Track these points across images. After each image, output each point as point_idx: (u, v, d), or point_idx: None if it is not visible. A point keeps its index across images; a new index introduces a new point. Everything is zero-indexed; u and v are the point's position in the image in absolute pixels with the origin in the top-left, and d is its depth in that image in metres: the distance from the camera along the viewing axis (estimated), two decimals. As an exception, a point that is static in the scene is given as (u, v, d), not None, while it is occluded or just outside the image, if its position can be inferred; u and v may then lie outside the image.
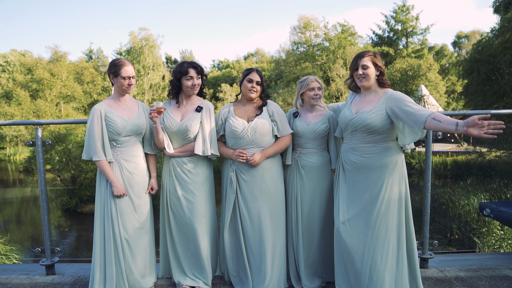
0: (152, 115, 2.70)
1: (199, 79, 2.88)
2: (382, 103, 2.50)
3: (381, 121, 2.49)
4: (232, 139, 2.89)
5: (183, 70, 2.85)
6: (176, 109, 2.94)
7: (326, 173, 2.95)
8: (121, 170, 2.76)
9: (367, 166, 2.56)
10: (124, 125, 2.73)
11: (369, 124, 2.50)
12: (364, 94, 2.67)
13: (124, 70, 2.72)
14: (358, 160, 2.60)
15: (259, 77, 2.90)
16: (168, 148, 2.87)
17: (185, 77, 2.85)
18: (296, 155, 2.98)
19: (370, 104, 2.57)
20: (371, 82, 2.59)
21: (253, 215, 2.87)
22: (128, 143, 2.79)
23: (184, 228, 2.91)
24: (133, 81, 2.77)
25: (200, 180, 2.92)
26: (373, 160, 2.54)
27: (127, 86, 2.76)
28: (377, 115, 2.49)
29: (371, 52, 2.61)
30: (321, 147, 2.97)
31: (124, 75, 2.72)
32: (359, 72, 2.58)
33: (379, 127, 2.50)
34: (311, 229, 2.94)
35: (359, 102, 2.66)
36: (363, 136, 2.57)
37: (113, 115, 2.73)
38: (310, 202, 2.93)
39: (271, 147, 2.88)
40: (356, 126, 2.57)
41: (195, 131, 2.87)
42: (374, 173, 2.54)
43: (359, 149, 2.60)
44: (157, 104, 2.70)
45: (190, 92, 2.89)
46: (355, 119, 2.57)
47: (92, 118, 2.69)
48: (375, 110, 2.50)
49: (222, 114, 2.97)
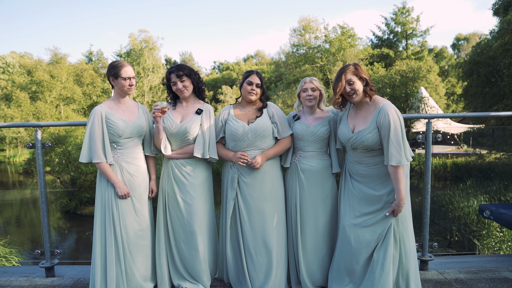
0: (156, 114, 2.71)
1: (183, 82, 2.88)
2: (374, 121, 2.51)
3: (377, 139, 2.51)
4: (232, 141, 2.90)
5: (167, 76, 2.92)
6: (176, 111, 2.94)
7: (327, 177, 2.93)
8: (122, 172, 2.76)
9: (373, 175, 2.61)
10: (124, 127, 2.74)
11: (367, 144, 2.53)
12: (358, 108, 2.66)
13: (124, 71, 2.73)
14: (365, 171, 2.64)
15: (259, 80, 2.91)
16: (165, 149, 2.87)
17: (171, 83, 2.91)
18: (296, 159, 2.97)
19: (365, 121, 2.57)
20: (360, 96, 2.58)
21: (253, 217, 2.86)
22: (128, 145, 2.80)
23: (182, 231, 2.90)
24: (133, 81, 2.78)
25: (199, 183, 2.92)
26: (380, 170, 2.58)
27: (128, 87, 2.77)
28: (372, 135, 2.51)
29: (351, 65, 2.58)
30: (322, 150, 2.95)
31: (124, 76, 2.73)
32: (347, 90, 2.56)
33: (377, 145, 2.53)
34: (311, 234, 2.93)
35: (354, 117, 2.67)
36: (364, 152, 2.61)
37: (114, 117, 2.73)
38: (310, 208, 2.91)
39: (271, 149, 2.89)
40: (355, 145, 2.60)
41: (194, 133, 2.88)
42: (378, 180, 2.60)
43: (364, 162, 2.63)
44: (161, 103, 2.72)
45: (180, 95, 2.92)
46: (352, 138, 2.60)
47: (92, 120, 2.69)
48: (370, 129, 2.52)
49: (222, 116, 2.98)
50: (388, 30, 31.96)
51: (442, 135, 2.63)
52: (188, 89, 2.91)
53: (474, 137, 17.87)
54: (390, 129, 2.41)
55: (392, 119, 2.42)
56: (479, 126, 17.84)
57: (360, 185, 2.66)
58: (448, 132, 20.70)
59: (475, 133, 18.02)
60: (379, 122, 2.46)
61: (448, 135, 20.60)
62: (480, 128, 17.44)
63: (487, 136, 15.39)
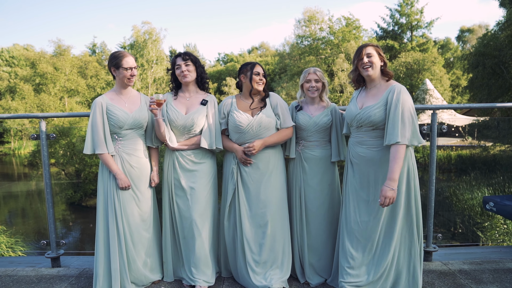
0: (152, 107, 2.69)
1: (188, 66, 2.86)
2: (384, 98, 2.50)
3: (384, 116, 2.48)
4: (236, 133, 2.88)
5: (173, 61, 2.91)
6: (180, 102, 2.93)
7: (329, 165, 2.96)
8: (123, 164, 2.76)
9: (375, 159, 2.56)
10: (125, 118, 2.73)
11: (374, 120, 2.51)
12: (369, 88, 2.66)
13: (126, 61, 2.72)
14: (365, 153, 2.59)
15: (263, 69, 2.93)
16: (171, 141, 2.86)
17: (175, 67, 2.89)
18: (299, 148, 2.98)
19: (374, 98, 2.57)
20: (376, 71, 2.58)
21: (254, 207, 2.85)
22: (129, 137, 2.79)
23: (187, 220, 2.88)
24: (135, 71, 2.77)
25: (205, 170, 2.91)
26: (381, 153, 2.54)
27: (129, 77, 2.76)
28: (380, 110, 2.49)
29: (374, 43, 2.64)
30: (324, 139, 2.96)
31: (125, 66, 2.72)
32: (364, 61, 2.58)
33: (383, 122, 2.50)
34: (316, 223, 2.94)
35: (364, 97, 2.66)
36: (369, 130, 2.58)
37: (114, 108, 2.73)
38: (313, 195, 2.92)
39: (271, 136, 2.86)
40: (361, 121, 2.57)
41: (201, 124, 2.87)
42: (383, 167, 2.54)
43: (366, 143, 2.60)
44: (157, 96, 2.69)
45: (182, 80, 2.88)
46: (359, 114, 2.57)
47: (94, 111, 2.69)
48: (379, 105, 2.50)
49: (224, 107, 2.96)
50: (393, 22, 31.65)
51: (447, 126, 2.60)
52: (191, 74, 2.89)
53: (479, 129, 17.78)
54: (398, 106, 2.40)
55: (402, 98, 2.42)
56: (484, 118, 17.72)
57: (360, 169, 2.64)
58: (453, 124, 20.59)
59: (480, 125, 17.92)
60: (390, 99, 2.45)
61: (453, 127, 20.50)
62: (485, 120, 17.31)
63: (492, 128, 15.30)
